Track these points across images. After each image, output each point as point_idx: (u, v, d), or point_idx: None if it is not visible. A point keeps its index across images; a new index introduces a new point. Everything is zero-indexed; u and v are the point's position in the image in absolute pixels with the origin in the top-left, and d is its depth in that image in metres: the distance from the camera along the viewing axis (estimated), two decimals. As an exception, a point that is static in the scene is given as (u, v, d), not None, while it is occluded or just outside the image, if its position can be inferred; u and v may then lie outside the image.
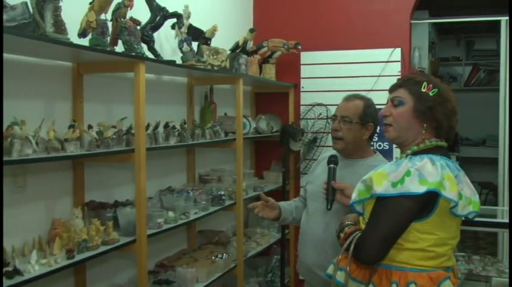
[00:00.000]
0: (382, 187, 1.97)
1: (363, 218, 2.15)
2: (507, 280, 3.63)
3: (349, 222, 2.19)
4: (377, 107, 2.81)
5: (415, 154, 2.07)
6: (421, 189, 1.92)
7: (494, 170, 5.17)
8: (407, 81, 2.16)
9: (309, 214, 2.92)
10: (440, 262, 2.03)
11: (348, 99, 2.88)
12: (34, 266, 2.33)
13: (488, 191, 8.10)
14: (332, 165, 2.60)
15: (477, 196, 2.10)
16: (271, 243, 4.71)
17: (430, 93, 2.09)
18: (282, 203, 3.02)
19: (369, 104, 2.85)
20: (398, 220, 1.97)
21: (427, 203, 1.96)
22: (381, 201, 2.00)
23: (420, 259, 2.00)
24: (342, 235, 2.16)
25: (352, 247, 2.05)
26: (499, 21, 5.03)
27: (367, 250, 2.00)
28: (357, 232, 2.09)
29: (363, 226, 2.12)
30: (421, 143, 2.10)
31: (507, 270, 3.68)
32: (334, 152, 2.87)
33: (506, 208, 4.81)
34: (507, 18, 4.91)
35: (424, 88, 2.10)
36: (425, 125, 2.10)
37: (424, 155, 2.02)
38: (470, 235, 7.43)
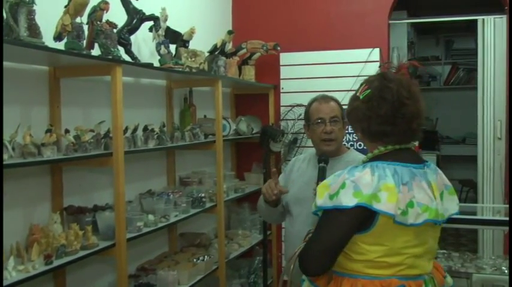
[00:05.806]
0: (322, 199, 1.93)
1: None
2: (487, 276, 3.68)
3: (313, 229, 2.10)
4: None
5: (372, 160, 2.00)
6: (351, 202, 1.84)
7: (474, 168, 5.22)
8: None
9: (294, 217, 2.86)
10: (397, 271, 1.94)
11: (324, 101, 2.86)
12: (11, 273, 2.31)
13: (468, 189, 8.17)
14: (323, 164, 2.58)
15: (435, 202, 1.94)
16: (253, 244, 4.71)
17: (361, 97, 2.01)
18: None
19: (339, 101, 2.90)
20: (336, 232, 1.91)
21: (364, 216, 1.87)
22: (323, 213, 1.96)
23: (371, 268, 1.94)
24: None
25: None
26: (476, 21, 5.08)
27: (307, 261, 1.96)
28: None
29: None
30: (375, 149, 2.03)
31: (485, 266, 3.72)
32: (310, 152, 2.87)
33: (486, 205, 4.87)
34: (484, 17, 4.97)
35: (358, 92, 2.05)
36: (359, 133, 2.07)
37: (372, 162, 1.95)
38: (452, 232, 7.50)
